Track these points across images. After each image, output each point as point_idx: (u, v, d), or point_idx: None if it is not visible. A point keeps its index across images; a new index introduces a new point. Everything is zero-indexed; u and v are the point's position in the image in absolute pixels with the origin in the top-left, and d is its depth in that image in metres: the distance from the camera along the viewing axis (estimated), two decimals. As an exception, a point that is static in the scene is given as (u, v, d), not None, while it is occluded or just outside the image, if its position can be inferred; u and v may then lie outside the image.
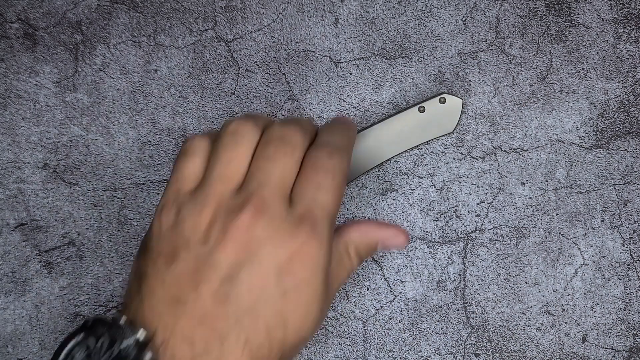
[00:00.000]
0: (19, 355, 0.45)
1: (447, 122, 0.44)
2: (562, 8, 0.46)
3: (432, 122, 0.44)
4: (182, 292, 0.31)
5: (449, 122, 0.44)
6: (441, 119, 0.44)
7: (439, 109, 0.44)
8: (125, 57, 0.46)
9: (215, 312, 0.30)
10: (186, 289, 0.31)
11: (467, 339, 0.45)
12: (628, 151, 0.45)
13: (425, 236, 0.45)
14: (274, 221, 0.31)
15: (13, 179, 0.45)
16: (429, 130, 0.44)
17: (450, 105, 0.44)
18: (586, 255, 0.45)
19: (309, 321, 0.32)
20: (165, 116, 0.46)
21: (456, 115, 0.44)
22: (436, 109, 0.44)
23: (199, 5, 0.46)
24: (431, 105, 0.44)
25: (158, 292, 0.31)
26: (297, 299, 0.31)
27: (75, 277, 0.45)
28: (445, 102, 0.44)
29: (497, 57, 0.46)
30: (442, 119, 0.44)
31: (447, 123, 0.44)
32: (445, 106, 0.44)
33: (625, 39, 0.46)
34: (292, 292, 0.31)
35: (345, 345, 0.45)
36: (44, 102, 0.46)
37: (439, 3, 0.46)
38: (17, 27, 0.46)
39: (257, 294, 0.31)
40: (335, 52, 0.46)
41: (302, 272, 0.31)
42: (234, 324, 0.30)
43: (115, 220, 0.45)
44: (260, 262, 0.31)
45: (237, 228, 0.31)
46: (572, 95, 0.46)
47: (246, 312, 0.31)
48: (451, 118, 0.44)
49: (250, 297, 0.31)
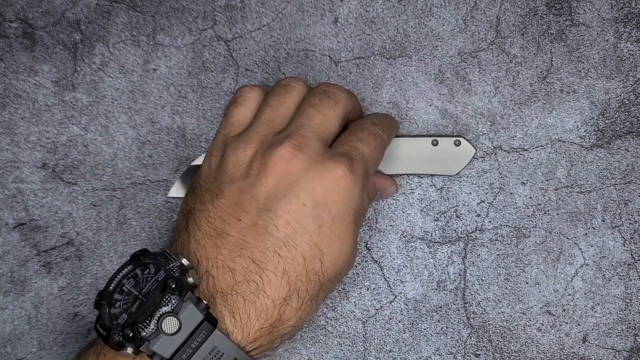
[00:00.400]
0: (18, 356, 0.45)
1: (453, 164, 0.44)
2: (562, 7, 0.46)
3: (439, 159, 0.44)
4: (224, 225, 0.32)
5: (456, 165, 0.44)
6: (449, 159, 0.44)
7: (451, 149, 0.44)
8: (125, 56, 0.46)
9: (254, 243, 0.31)
10: (228, 222, 0.32)
11: (468, 339, 0.45)
12: (629, 151, 0.45)
13: (425, 236, 0.45)
14: (311, 156, 0.33)
15: (12, 178, 0.45)
16: (434, 165, 0.44)
17: (462, 150, 0.44)
18: (587, 255, 0.45)
19: (343, 255, 0.34)
20: (164, 116, 0.46)
21: (464, 161, 0.44)
22: (448, 148, 0.44)
23: (198, 5, 0.46)
24: (445, 143, 0.44)
25: (203, 226, 0.33)
26: (331, 232, 0.33)
27: (74, 277, 0.45)
28: (459, 145, 0.44)
29: (497, 56, 0.46)
30: (450, 159, 0.44)
31: (453, 165, 0.44)
32: (458, 149, 0.44)
33: (626, 38, 0.46)
34: (327, 226, 0.33)
35: (345, 345, 0.45)
36: (43, 102, 0.46)
37: (439, 2, 0.46)
38: (16, 27, 0.46)
39: (293, 226, 0.32)
40: (335, 52, 0.46)
41: (336, 207, 0.33)
42: (272, 255, 0.32)
43: (114, 220, 0.45)
44: (297, 195, 0.32)
45: (275, 162, 0.32)
46: (572, 95, 0.46)
47: (284, 244, 0.32)
48: (459, 162, 0.44)
49: (287, 229, 0.32)
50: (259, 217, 0.32)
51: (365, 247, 0.45)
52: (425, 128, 0.45)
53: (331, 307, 0.45)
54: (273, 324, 0.32)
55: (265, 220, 0.32)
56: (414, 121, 0.46)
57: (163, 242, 0.45)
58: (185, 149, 0.45)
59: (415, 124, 0.45)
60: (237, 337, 0.31)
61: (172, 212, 0.45)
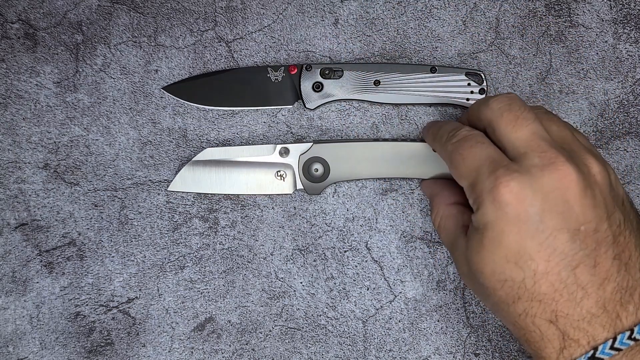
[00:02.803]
0: (20, 355, 0.45)
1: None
2: (561, 8, 0.46)
3: (441, 163, 0.44)
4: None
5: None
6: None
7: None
8: (126, 57, 0.46)
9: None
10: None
11: (467, 339, 0.45)
12: (627, 151, 0.45)
13: (425, 236, 0.45)
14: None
15: (14, 179, 0.45)
16: (435, 169, 0.44)
17: None
18: (586, 255, 0.45)
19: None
20: (165, 116, 0.46)
21: None
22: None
23: (199, 6, 0.46)
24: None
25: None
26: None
27: (76, 277, 0.45)
28: None
29: (496, 57, 0.46)
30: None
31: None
32: None
33: (624, 39, 0.46)
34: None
35: (345, 345, 0.45)
36: (45, 102, 0.46)
37: (439, 3, 0.46)
38: (18, 28, 0.46)
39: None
40: (335, 53, 0.46)
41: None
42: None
43: (115, 221, 0.45)
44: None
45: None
46: (571, 96, 0.46)
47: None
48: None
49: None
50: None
51: (365, 247, 0.45)
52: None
53: (331, 307, 0.45)
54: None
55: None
56: (413, 122, 0.46)
57: (164, 242, 0.45)
58: (186, 149, 0.46)
59: (415, 125, 0.46)
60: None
61: (173, 212, 0.45)
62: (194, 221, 0.45)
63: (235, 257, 0.45)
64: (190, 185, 0.45)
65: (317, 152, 0.44)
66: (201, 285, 0.45)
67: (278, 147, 0.44)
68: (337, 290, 0.45)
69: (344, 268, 0.45)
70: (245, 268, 0.45)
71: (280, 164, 0.45)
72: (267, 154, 0.45)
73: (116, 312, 0.45)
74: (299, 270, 0.45)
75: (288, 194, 0.45)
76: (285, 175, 0.45)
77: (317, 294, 0.45)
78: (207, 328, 0.45)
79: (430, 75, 0.44)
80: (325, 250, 0.45)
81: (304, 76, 0.45)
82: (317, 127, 0.46)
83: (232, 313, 0.45)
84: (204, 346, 0.45)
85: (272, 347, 0.45)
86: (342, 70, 0.45)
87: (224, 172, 0.45)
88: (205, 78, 0.45)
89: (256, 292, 0.45)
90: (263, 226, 0.45)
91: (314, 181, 0.44)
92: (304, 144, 0.44)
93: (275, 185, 0.45)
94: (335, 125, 0.46)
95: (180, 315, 0.45)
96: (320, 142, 0.44)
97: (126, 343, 0.45)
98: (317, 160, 0.44)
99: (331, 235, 0.45)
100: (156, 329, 0.45)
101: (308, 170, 0.44)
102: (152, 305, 0.45)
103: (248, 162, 0.45)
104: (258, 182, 0.45)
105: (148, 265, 0.45)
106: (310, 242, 0.45)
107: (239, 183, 0.45)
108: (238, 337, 0.45)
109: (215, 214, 0.45)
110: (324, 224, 0.45)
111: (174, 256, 0.45)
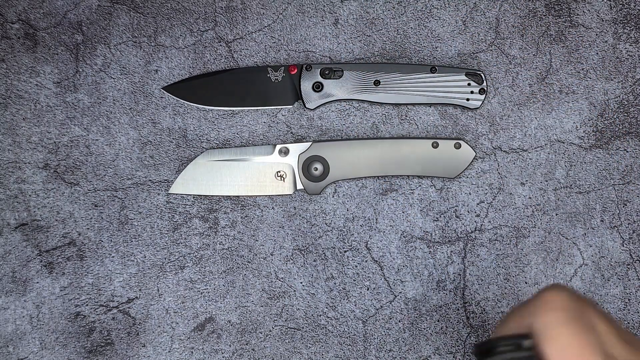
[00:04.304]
0: (20, 355, 0.45)
1: (453, 167, 0.44)
2: (561, 8, 0.46)
3: (440, 161, 0.44)
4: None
5: (455, 168, 0.44)
6: (449, 162, 0.44)
7: (451, 152, 0.44)
8: (126, 57, 0.46)
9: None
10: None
11: (467, 339, 0.45)
12: (627, 151, 0.45)
13: (425, 236, 0.45)
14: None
15: (14, 179, 0.45)
16: (434, 167, 0.44)
17: (462, 153, 0.44)
18: (585, 255, 0.45)
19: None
20: (165, 116, 0.46)
21: (464, 164, 0.44)
22: (449, 151, 0.44)
23: (199, 6, 0.46)
24: (445, 146, 0.44)
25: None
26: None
27: (76, 277, 0.45)
28: (459, 148, 0.44)
29: (496, 57, 0.46)
30: (450, 162, 0.44)
31: (453, 168, 0.44)
32: (458, 152, 0.44)
33: (624, 39, 0.46)
34: None
35: (345, 345, 0.45)
36: (45, 103, 0.46)
37: (439, 4, 0.46)
38: (18, 28, 0.46)
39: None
40: (335, 53, 0.46)
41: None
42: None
43: (115, 221, 0.45)
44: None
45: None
46: (571, 96, 0.46)
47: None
48: (458, 165, 0.44)
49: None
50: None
51: (365, 247, 0.45)
52: (424, 129, 0.46)
53: (331, 307, 0.45)
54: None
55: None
56: (413, 122, 0.46)
57: (164, 242, 0.45)
58: (186, 149, 0.46)
59: (415, 125, 0.46)
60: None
61: (173, 212, 0.45)
62: (194, 221, 0.45)
63: (235, 257, 0.45)
64: (191, 187, 0.45)
65: (317, 151, 0.44)
66: (201, 285, 0.45)
67: (278, 147, 0.45)
68: (337, 290, 0.45)
69: (344, 268, 0.45)
70: (245, 268, 0.45)
71: (280, 163, 0.45)
72: (267, 154, 0.45)
73: (116, 312, 0.45)
74: (299, 270, 0.45)
75: (288, 194, 0.45)
76: (285, 175, 0.45)
77: (317, 294, 0.45)
78: (207, 328, 0.45)
79: (430, 75, 0.44)
80: (325, 250, 0.45)
81: (304, 76, 0.45)
82: (317, 127, 0.46)
83: (232, 313, 0.45)
84: (204, 346, 0.45)
85: (272, 347, 0.45)
86: (342, 70, 0.45)
87: (225, 173, 0.45)
88: (205, 78, 0.45)
89: (256, 292, 0.45)
90: (263, 226, 0.45)
91: (314, 180, 0.44)
92: (303, 143, 0.44)
93: (275, 186, 0.45)
94: (335, 125, 0.46)
95: (180, 315, 0.45)
96: (320, 142, 0.44)
97: (126, 343, 0.45)
98: (317, 159, 0.44)
99: (331, 235, 0.45)
100: (156, 329, 0.45)
101: (308, 170, 0.44)
102: (152, 305, 0.45)
103: (248, 163, 0.45)
104: (258, 182, 0.45)
105: (148, 265, 0.45)
106: (310, 242, 0.45)
107: (239, 184, 0.45)
108: (238, 337, 0.45)
109: (215, 214, 0.45)
110: (324, 224, 0.45)
111: (174, 256, 0.45)
